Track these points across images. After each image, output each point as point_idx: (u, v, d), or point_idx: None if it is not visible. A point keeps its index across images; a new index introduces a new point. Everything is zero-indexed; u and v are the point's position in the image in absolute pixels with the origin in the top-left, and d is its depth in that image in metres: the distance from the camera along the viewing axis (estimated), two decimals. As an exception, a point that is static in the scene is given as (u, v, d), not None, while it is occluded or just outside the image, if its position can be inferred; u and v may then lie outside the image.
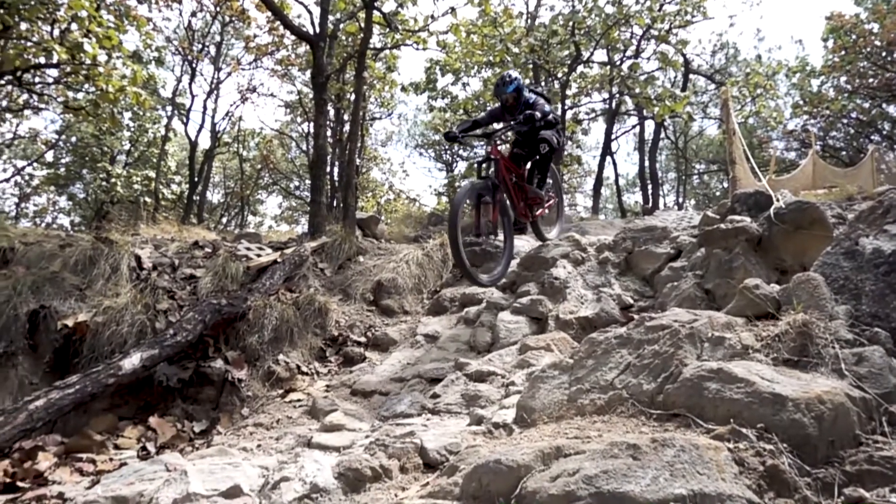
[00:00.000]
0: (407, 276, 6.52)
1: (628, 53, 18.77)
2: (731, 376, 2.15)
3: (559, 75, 18.52)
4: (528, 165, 6.03)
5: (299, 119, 22.42)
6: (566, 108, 19.06)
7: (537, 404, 2.81)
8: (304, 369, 5.03)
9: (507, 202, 5.58)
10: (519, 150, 6.06)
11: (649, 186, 23.18)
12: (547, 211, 6.46)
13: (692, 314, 2.74)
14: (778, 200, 4.52)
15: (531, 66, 17.68)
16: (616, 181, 28.13)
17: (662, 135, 24.73)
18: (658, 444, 1.84)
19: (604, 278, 5.55)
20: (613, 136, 23.15)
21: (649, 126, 23.43)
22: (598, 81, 19.40)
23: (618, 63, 18.77)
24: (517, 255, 6.77)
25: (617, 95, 20.41)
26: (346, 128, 16.74)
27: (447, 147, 28.70)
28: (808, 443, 1.90)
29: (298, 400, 4.39)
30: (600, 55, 19.44)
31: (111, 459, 3.63)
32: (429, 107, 22.49)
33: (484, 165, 5.44)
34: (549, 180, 6.61)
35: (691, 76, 22.90)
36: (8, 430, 3.37)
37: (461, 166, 28.50)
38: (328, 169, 16.03)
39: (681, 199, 32.56)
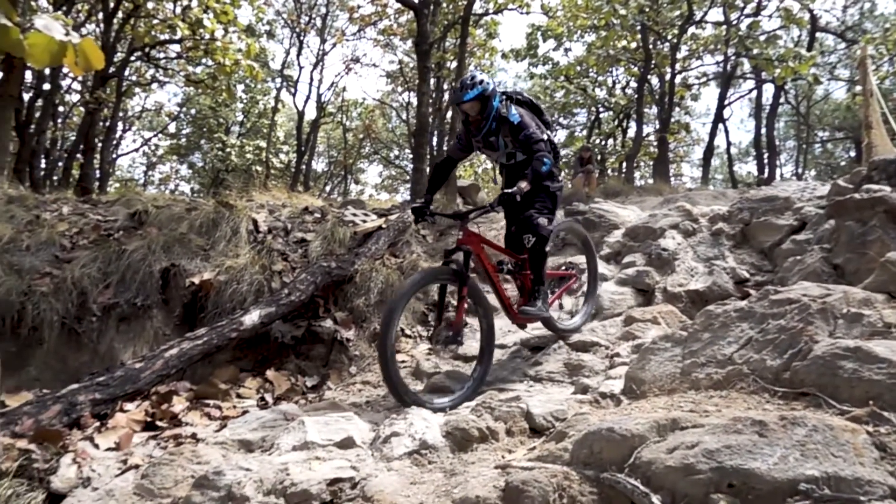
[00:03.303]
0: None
1: (747, 11, 17.39)
2: (870, 355, 1.99)
3: (669, 37, 17.54)
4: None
5: (400, 89, 22.73)
6: (675, 72, 18.08)
7: (647, 376, 2.74)
8: (408, 332, 5.18)
9: (482, 298, 3.79)
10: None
11: (765, 155, 21.64)
12: (564, 298, 4.65)
13: (824, 288, 2.55)
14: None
15: (639, 28, 16.85)
16: (727, 150, 26.53)
17: (782, 99, 22.87)
18: (788, 421, 1.74)
19: (717, 250, 5.27)
20: (726, 102, 21.70)
21: (767, 90, 21.76)
22: (712, 43, 18.19)
23: (735, 22, 17.47)
24: (622, 226, 6.57)
25: (732, 57, 19.07)
26: (446, 97, 16.78)
27: (548, 114, 28.11)
28: (962, 431, 1.73)
29: (402, 361, 4.52)
30: (715, 14, 18.22)
31: (234, 407, 3.93)
32: (529, 74, 22.08)
33: (454, 261, 3.68)
34: (581, 257, 4.93)
35: (818, 34, 20.94)
36: (148, 375, 3.73)
37: (561, 134, 27.83)
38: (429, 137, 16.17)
39: (800, 170, 30.23)
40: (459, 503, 1.98)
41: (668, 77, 17.97)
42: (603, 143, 25.09)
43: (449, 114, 16.24)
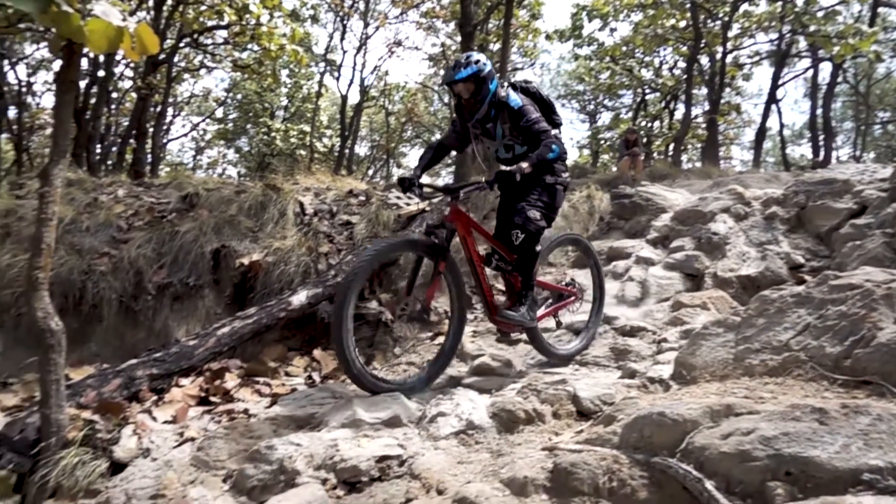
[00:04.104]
0: (552, 228, 6.43)
1: (804, -14, 16.61)
2: (939, 343, 1.91)
3: (720, 15, 16.93)
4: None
5: (442, 72, 22.60)
6: (726, 51, 17.46)
7: (698, 361, 2.69)
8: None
9: (459, 280, 3.42)
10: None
11: (820, 137, 20.75)
12: (556, 316, 4.07)
13: (889, 273, 2.45)
14: None
15: (689, 5, 16.31)
16: (780, 132, 25.49)
17: (840, 78, 21.84)
18: (850, 410, 1.69)
19: (770, 235, 5.11)
20: (780, 82, 20.86)
21: (824, 69, 20.80)
22: (766, 20, 17.47)
23: (791, -2, 16.71)
24: (670, 209, 6.42)
25: (787, 35, 18.29)
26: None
27: (593, 96, 27.47)
28: None
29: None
30: (770, -11, 17.43)
31: (283, 384, 4.02)
32: (573, 55, 21.68)
33: (436, 234, 3.31)
34: (589, 273, 4.30)
35: (881, 9, 19.86)
36: (201, 352, 3.86)
37: (605, 117, 27.31)
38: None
39: (858, 152, 28.90)
40: (507, 483, 1.99)
41: (718, 56, 17.36)
42: (649, 125, 24.51)
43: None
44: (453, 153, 4.47)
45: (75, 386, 3.27)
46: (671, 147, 20.79)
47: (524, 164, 3.23)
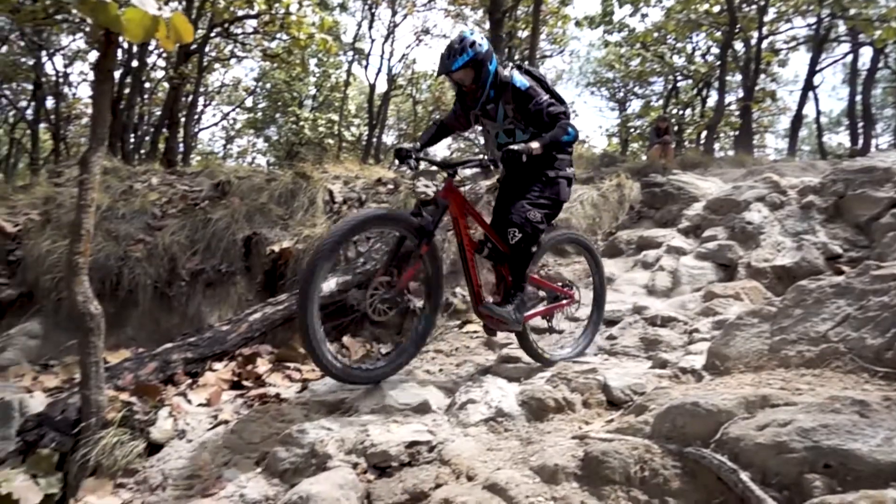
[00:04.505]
0: (581, 217, 6.38)
1: (845, -32, 16.07)
2: None
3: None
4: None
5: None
6: (762, 36, 17.03)
7: (732, 352, 2.65)
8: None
9: (439, 268, 3.20)
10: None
11: (859, 124, 20.17)
12: (549, 318, 3.78)
13: (934, 264, 2.38)
14: None
15: (724, -11, 15.92)
16: (817, 119, 24.87)
17: (881, 64, 21.13)
18: (892, 402, 1.65)
19: (806, 224, 4.99)
20: (818, 68, 20.27)
21: (864, 54, 20.20)
22: (804, 3, 16.97)
23: (831, -20, 16.19)
24: (702, 198, 6.32)
25: (826, 19, 17.76)
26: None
27: (622, 84, 27.01)
28: None
29: (475, 331, 4.55)
30: (809, -28, 16.91)
31: (313, 370, 4.07)
32: (603, 42, 21.34)
33: (428, 211, 3.05)
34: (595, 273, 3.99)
35: (927, -9, 19.14)
36: (234, 337, 3.93)
37: (635, 104, 26.88)
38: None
39: (898, 140, 28.03)
40: (538, 470, 1.99)
41: (753, 41, 16.94)
42: (680, 112, 24.07)
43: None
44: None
45: (113, 369, 3.36)
46: (703, 135, 20.40)
47: (534, 144, 2.98)
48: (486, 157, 3.05)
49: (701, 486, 1.73)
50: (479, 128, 3.55)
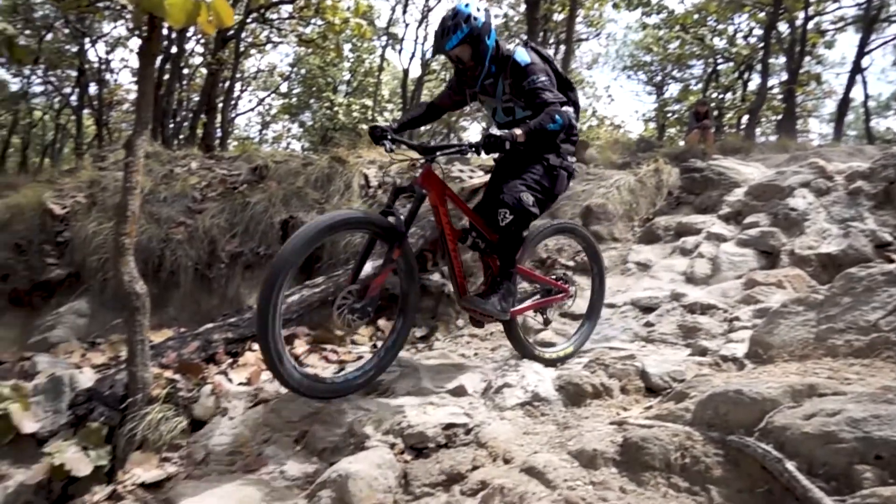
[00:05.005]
0: (618, 203, 6.28)
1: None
2: None
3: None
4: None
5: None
6: (808, 16, 16.44)
7: (776, 340, 2.59)
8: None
9: (413, 272, 2.99)
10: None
11: (911, 108, 19.36)
12: (542, 312, 3.53)
13: None
14: None
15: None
16: (865, 103, 23.91)
17: (936, 44, 20.22)
18: (949, 393, 1.59)
19: (854, 211, 4.83)
20: (867, 49, 19.46)
21: (919, 34, 19.29)
22: (854, -18, 16.31)
23: (883, -44, 15.52)
24: (743, 184, 6.16)
25: (878, -2, 17.05)
26: (551, 52, 16.26)
27: (660, 67, 26.40)
28: None
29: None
30: (859, -52, 16.25)
31: (350, 352, 4.12)
32: (641, 24, 20.89)
33: (395, 214, 2.83)
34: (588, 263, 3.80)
35: None
36: (273, 318, 4.00)
37: (673, 88, 26.28)
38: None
39: (953, 124, 26.82)
40: (576, 455, 1.98)
41: (799, 22, 16.36)
42: (720, 96, 23.45)
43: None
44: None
45: (157, 347, 3.45)
46: (743, 120, 19.86)
47: (517, 131, 2.73)
48: (467, 143, 2.80)
49: (744, 475, 1.70)
50: (476, 104, 3.34)
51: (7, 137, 20.70)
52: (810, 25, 16.92)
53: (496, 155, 3.38)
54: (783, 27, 17.35)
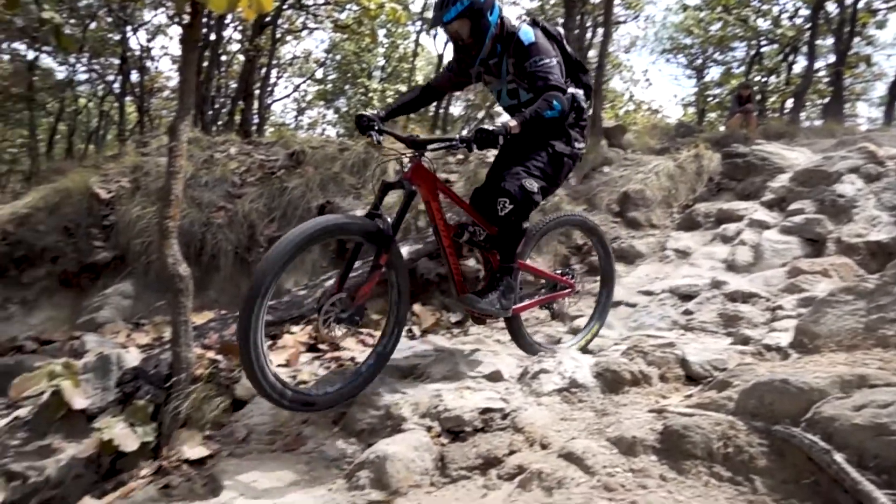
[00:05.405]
0: (656, 189, 6.18)
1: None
2: None
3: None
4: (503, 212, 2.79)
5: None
6: (859, -5, 15.76)
7: (822, 330, 2.52)
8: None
9: (403, 277, 2.86)
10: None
11: (969, 91, 18.45)
12: (547, 309, 3.47)
13: None
14: None
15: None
16: (918, 85, 22.89)
17: None
18: None
19: (906, 198, 4.66)
20: (922, 28, 18.56)
21: (979, 12, 18.32)
22: (910, -42, 15.57)
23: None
24: (788, 170, 5.98)
25: (935, -26, 16.23)
26: (588, 35, 15.99)
27: (701, 50, 25.67)
28: None
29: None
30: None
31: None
32: (681, 6, 20.35)
33: (381, 217, 2.67)
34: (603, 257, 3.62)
35: None
36: (310, 302, 4.06)
37: (714, 72, 25.56)
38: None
39: None
40: (615, 441, 1.97)
41: (849, 2, 15.72)
42: (764, 79, 22.73)
43: (592, 52, 15.49)
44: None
45: (199, 328, 3.54)
46: (787, 103, 19.25)
47: (512, 122, 2.58)
48: (458, 138, 2.58)
49: (789, 466, 1.67)
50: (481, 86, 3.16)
51: (54, 124, 21.30)
52: (861, 4, 16.22)
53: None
54: (831, 7, 16.69)
